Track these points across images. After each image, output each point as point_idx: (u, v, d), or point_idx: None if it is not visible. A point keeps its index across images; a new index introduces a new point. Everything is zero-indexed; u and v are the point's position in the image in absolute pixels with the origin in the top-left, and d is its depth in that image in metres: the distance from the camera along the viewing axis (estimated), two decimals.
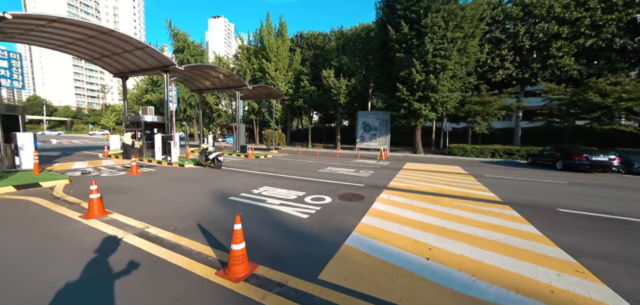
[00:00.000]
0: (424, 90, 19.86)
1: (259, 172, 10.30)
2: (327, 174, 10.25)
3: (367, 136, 25.31)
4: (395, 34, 19.82)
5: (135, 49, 11.44)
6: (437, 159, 18.98)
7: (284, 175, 9.67)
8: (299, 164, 13.36)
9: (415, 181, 8.84)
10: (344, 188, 7.46)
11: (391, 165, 13.71)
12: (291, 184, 7.96)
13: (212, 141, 20.45)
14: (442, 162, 16.07)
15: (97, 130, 64.84)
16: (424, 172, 11.17)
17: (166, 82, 12.66)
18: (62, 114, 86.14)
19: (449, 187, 7.83)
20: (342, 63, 24.87)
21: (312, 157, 17.68)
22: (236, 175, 9.31)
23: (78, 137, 46.46)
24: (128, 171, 9.37)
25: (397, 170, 11.84)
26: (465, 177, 10.10)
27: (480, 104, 20.71)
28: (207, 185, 7.56)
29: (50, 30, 9.84)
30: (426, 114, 20.09)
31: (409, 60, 19.52)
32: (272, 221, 4.62)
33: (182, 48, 35.67)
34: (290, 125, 47.42)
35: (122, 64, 13.33)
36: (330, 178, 9.15)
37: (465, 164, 15.58)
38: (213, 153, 10.57)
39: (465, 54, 19.46)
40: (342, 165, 13.06)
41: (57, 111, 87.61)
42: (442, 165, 14.58)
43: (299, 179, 8.93)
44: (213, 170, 10.26)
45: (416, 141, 22.89)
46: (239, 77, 16.87)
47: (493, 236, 4.05)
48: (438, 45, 18.61)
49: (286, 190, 6.95)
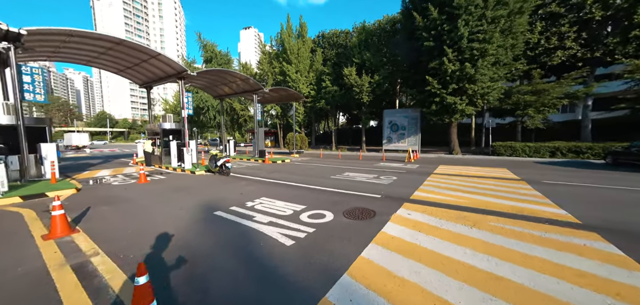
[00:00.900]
0: (459, 82, 17.32)
1: (266, 179, 9.51)
2: (341, 181, 9.02)
3: (395, 136, 23.24)
4: (423, 21, 17.69)
5: (149, 57, 11.66)
6: (478, 160, 16.29)
7: (292, 182, 8.71)
8: (313, 169, 12.33)
9: (447, 190, 7.12)
10: (354, 200, 6.18)
11: (420, 169, 11.87)
12: (294, 194, 6.94)
13: (233, 146, 20.60)
14: (484, 164, 13.57)
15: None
16: (459, 178, 9.23)
17: (180, 89, 12.74)
18: (121, 125, 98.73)
19: (494, 200, 6.01)
20: (364, 59, 23.30)
21: (332, 161, 16.53)
22: (239, 184, 8.64)
23: (124, 145, 52.16)
24: (145, 178, 9.36)
25: (426, 175, 10.05)
26: (517, 183, 7.97)
27: (532, 93, 17.31)
28: (202, 195, 6.94)
29: (74, 46, 10.44)
30: (462, 108, 17.47)
31: (440, 48, 17.22)
32: (245, 248, 3.63)
33: (210, 58, 37.58)
34: (316, 128, 46.87)
35: (144, 74, 13.87)
36: (343, 186, 7.91)
37: (515, 165, 12.90)
38: (221, 159, 10.12)
39: (511, 35, 16.46)
40: (362, 170, 11.67)
41: (118, 123, 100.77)
42: (484, 168, 12.21)
43: (306, 187, 7.88)
44: (219, 178, 9.78)
45: (452, 140, 20.19)
46: (255, 81, 16.57)
47: (577, 296, 2.47)
48: (475, 28, 16.03)
49: (284, 203, 5.94)
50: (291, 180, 9.09)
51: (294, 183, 8.58)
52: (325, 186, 7.95)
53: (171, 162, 12.39)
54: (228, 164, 10.00)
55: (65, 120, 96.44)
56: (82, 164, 15.61)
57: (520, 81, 21.24)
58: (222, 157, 10.31)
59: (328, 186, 7.95)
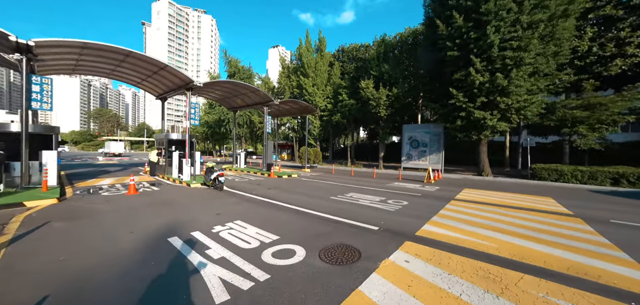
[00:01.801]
0: (489, 94, 15.30)
1: (258, 196, 8.64)
2: (341, 204, 7.81)
3: (415, 153, 21.32)
4: (447, 30, 16.20)
5: (159, 69, 11.82)
6: (513, 184, 13.87)
7: (283, 202, 7.71)
8: (317, 187, 11.23)
9: (468, 225, 5.56)
10: (343, 232, 4.97)
11: (439, 193, 10.15)
12: (276, 218, 5.92)
13: (244, 158, 20.37)
14: (521, 190, 11.33)
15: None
16: (488, 207, 7.47)
17: (188, 100, 12.72)
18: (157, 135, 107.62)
19: (537, 246, 4.39)
20: (382, 71, 22.14)
21: (342, 178, 15.28)
22: (226, 201, 7.86)
23: None
24: (135, 189, 9.06)
25: (445, 201, 8.39)
26: (570, 221, 6.09)
27: (584, 107, 14.58)
28: (176, 213, 6.22)
29: (90, 59, 10.89)
30: (493, 124, 15.30)
31: (466, 58, 15.51)
32: (158, 301, 2.66)
33: (234, 72, 39.23)
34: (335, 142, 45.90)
35: (158, 86, 14.23)
36: (339, 211, 6.71)
37: (564, 194, 10.52)
38: (215, 173, 9.54)
39: (553, 41, 14.24)
40: (370, 191, 10.31)
41: (154, 133, 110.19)
42: (521, 195, 10.09)
43: (296, 210, 6.81)
44: (211, 193, 9.14)
45: (481, 160, 17.80)
46: (264, 93, 16.28)
47: None
48: (507, 35, 14.16)
49: (256, 231, 4.93)
50: (285, 200, 8.10)
51: (286, 203, 7.56)
52: (319, 210, 6.81)
53: (173, 173, 12.21)
54: (221, 178, 9.36)
55: (112, 129, 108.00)
56: (98, 171, 16.29)
57: (567, 94, 18.35)
58: (217, 170, 9.73)
59: (322, 210, 6.80)
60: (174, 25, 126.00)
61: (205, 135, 49.73)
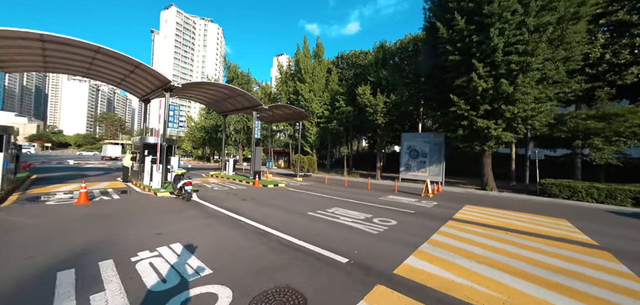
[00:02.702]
0: (493, 102, 14.16)
1: (224, 210, 7.53)
2: (316, 221, 6.67)
3: (414, 164, 20.08)
4: (448, 33, 15.25)
5: (134, 67, 10.99)
6: (521, 201, 12.55)
7: (249, 219, 6.59)
8: (298, 200, 10.10)
9: (466, 260, 4.37)
10: (300, 266, 3.83)
11: (436, 210, 8.92)
12: (226, 242, 4.81)
13: (233, 165, 19.37)
14: (529, 208, 10.02)
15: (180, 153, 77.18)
16: (492, 231, 6.24)
17: (165, 102, 11.84)
18: None
19: (563, 301, 3.19)
20: (380, 77, 21.20)
21: (333, 189, 14.12)
22: (183, 214, 6.77)
23: None
24: (86, 198, 8.05)
25: (442, 220, 7.18)
26: (597, 257, 4.84)
27: (599, 118, 13.30)
28: (110, 230, 5.15)
29: (58, 55, 10.12)
30: (498, 134, 14.09)
31: (467, 63, 14.48)
32: None
33: (232, 78, 38.83)
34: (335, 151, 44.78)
35: (138, 86, 13.43)
36: (309, 233, 5.57)
37: (580, 215, 9.20)
38: (181, 181, 8.49)
39: (563, 45, 13.15)
40: (359, 205, 9.14)
41: None
42: (530, 215, 8.80)
43: (258, 229, 5.70)
44: (173, 203, 8.07)
45: (484, 172, 16.49)
46: (253, 96, 15.39)
47: None
48: (513, 38, 13.13)
49: (190, 260, 3.81)
50: (252, 216, 6.98)
51: (251, 221, 6.44)
52: (286, 230, 5.67)
53: (144, 179, 11.22)
54: (188, 187, 8.30)
55: (116, 133, 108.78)
56: (75, 175, 15.39)
57: (577, 105, 17.09)
58: (186, 177, 8.68)
59: (289, 231, 5.66)
60: (180, 34, 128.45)
61: (203, 140, 49.14)
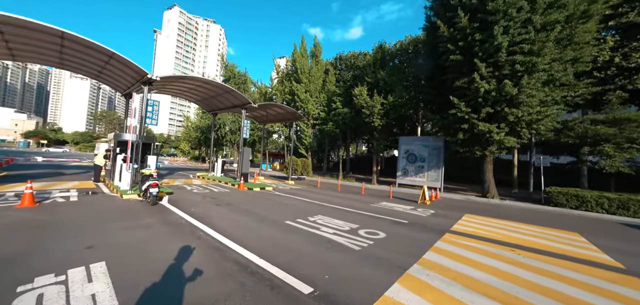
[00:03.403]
0: (496, 105, 13.30)
1: (189, 218, 6.62)
2: (291, 233, 5.77)
3: (412, 169, 19.17)
4: (449, 31, 14.44)
5: (108, 57, 10.16)
6: (525, 211, 11.61)
7: (213, 230, 5.69)
8: (279, 206, 9.20)
9: (465, 291, 3.45)
10: (243, 300, 2.92)
11: (432, 219, 7.99)
12: (164, 262, 3.91)
13: (222, 166, 18.48)
14: (535, 219, 9.08)
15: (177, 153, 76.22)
16: (496, 248, 5.32)
17: (143, 97, 10.99)
18: (158, 139, 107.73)
19: None
20: (378, 78, 20.38)
21: (324, 193, 13.21)
22: (136, 222, 5.87)
23: None
24: (31, 200, 7.16)
25: (438, 234, 6.27)
26: (625, 286, 3.91)
27: (610, 123, 12.39)
28: (32, 242, 4.25)
29: (23, 43, 9.32)
30: (501, 139, 13.20)
31: (469, 63, 13.65)
32: None
33: (229, 77, 38.15)
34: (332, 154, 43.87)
35: (117, 80, 12.61)
36: (276, 249, 4.68)
37: (592, 229, 8.26)
38: (146, 182, 7.59)
39: (572, 45, 12.31)
40: (345, 214, 8.23)
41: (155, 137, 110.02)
42: (537, 227, 7.87)
43: (217, 244, 4.80)
44: (135, 207, 7.16)
45: (486, 179, 15.56)
46: (241, 94, 14.55)
47: None
48: (518, 37, 12.31)
49: (96, 290, 2.92)
50: (219, 226, 6.08)
51: (215, 232, 5.53)
52: (250, 246, 4.76)
53: (115, 179, 10.33)
54: (153, 190, 7.40)
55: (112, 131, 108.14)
56: (49, 173, 14.51)
57: (584, 109, 16.20)
58: (152, 178, 7.78)
59: (253, 246, 4.75)
60: (183, 34, 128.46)
61: (199, 140, 48.30)
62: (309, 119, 26.92)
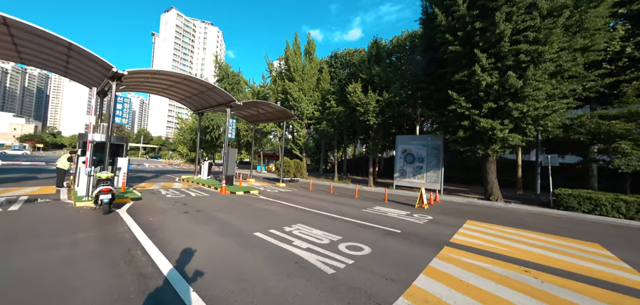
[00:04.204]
0: (499, 99, 12.26)
1: (135, 230, 5.60)
2: (257, 249, 4.74)
3: (410, 170, 18.11)
4: (446, 20, 13.44)
5: (66, 49, 9.17)
6: (532, 215, 10.53)
7: (151, 245, 4.67)
8: (259, 213, 8.16)
9: None
10: None
11: (429, 228, 6.94)
12: (43, 297, 2.87)
13: (209, 168, 17.47)
14: (545, 226, 8.01)
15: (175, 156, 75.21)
16: (506, 269, 4.26)
17: (112, 94, 10.00)
18: (155, 142, 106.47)
19: None
20: (373, 73, 19.36)
21: (315, 196, 12.17)
22: (68, 238, 4.84)
23: (141, 160, 53.50)
24: None
25: (435, 247, 5.22)
26: None
27: (627, 118, 11.30)
28: None
29: None
30: (504, 136, 12.14)
31: (469, 55, 12.63)
32: None
33: (223, 76, 37.25)
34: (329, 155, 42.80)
35: (86, 76, 11.63)
36: (220, 277, 3.65)
37: (612, 237, 7.19)
38: (97, 188, 6.56)
39: (582, 32, 11.28)
40: (329, 222, 7.19)
41: (152, 140, 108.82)
42: (549, 237, 6.80)
43: (145, 265, 3.77)
44: (80, 217, 6.13)
45: (488, 181, 14.48)
46: (224, 91, 13.54)
47: None
48: (521, 24, 11.30)
49: None
50: (168, 240, 5.07)
51: (157, 249, 4.50)
52: (189, 270, 3.73)
53: (76, 183, 9.33)
54: (105, 196, 6.37)
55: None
56: (22, 178, 13.53)
57: (593, 105, 15.14)
58: (104, 184, 6.75)
59: (193, 270, 3.72)
60: (180, 36, 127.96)
61: (193, 142, 47.29)
62: (303, 119, 25.91)
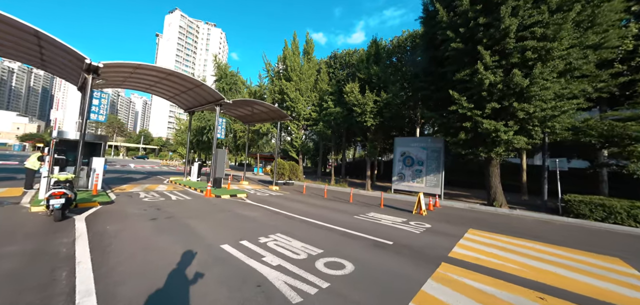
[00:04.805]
0: (503, 99, 11.45)
1: (80, 243, 4.88)
2: (217, 265, 3.99)
3: (409, 173, 17.29)
4: (448, 16, 12.72)
5: (35, 38, 8.49)
6: (540, 224, 9.66)
7: (85, 267, 3.94)
8: (237, 220, 7.42)
9: None
10: None
11: (426, 239, 6.13)
12: None
13: (198, 169, 16.78)
14: (555, 236, 7.17)
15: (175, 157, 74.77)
16: (516, 293, 3.47)
17: (87, 88, 9.35)
18: (156, 143, 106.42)
19: None
20: (371, 73, 18.64)
21: (306, 201, 11.41)
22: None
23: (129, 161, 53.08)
24: None
25: (432, 264, 4.43)
26: None
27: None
28: None
29: None
30: (508, 138, 11.32)
31: (471, 52, 11.87)
32: None
33: (221, 76, 36.84)
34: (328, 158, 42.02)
35: (61, 68, 11.01)
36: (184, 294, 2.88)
37: (629, 247, 6.33)
38: (50, 190, 5.85)
39: (594, 28, 10.47)
40: (314, 231, 6.43)
41: (152, 140, 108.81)
42: (563, 250, 5.96)
43: (64, 289, 3.03)
44: (20, 226, 5.42)
45: (492, 185, 13.63)
46: (212, 89, 12.89)
47: None
48: (528, 19, 10.54)
49: None
50: (113, 255, 4.34)
51: (86, 271, 3.77)
52: (114, 299, 2.99)
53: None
54: (56, 201, 5.65)
55: (112, 135, 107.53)
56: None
57: (602, 107, 14.27)
58: (57, 187, 6.02)
59: (114, 301, 2.97)
60: (183, 37, 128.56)
61: (191, 143, 46.83)
62: (300, 120, 25.22)
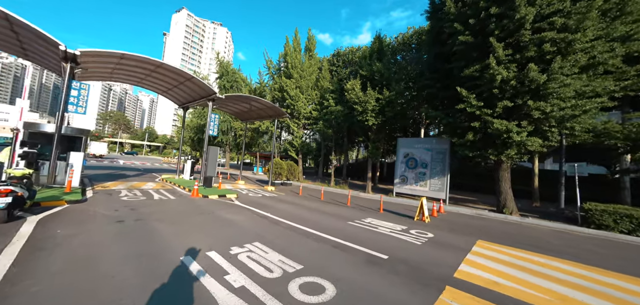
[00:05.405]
0: (516, 97, 10.44)
1: (7, 254, 4.17)
2: (165, 286, 3.21)
3: (412, 176, 16.33)
4: (456, 7, 11.77)
5: (9, 23, 7.95)
6: (558, 234, 8.62)
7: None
8: (215, 225, 6.67)
9: None
10: None
11: (428, 252, 5.26)
12: None
13: (191, 167, 16.17)
14: (574, 250, 6.18)
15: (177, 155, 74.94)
16: None
17: (65, 77, 8.75)
18: (160, 140, 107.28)
19: None
20: (373, 70, 17.75)
21: (301, 204, 10.62)
22: None
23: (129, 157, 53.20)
24: None
25: (433, 290, 3.57)
26: None
27: None
28: None
29: None
30: (521, 140, 10.30)
31: (482, 46, 10.89)
32: None
33: (222, 74, 36.46)
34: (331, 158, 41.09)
35: (41, 57, 10.50)
36: None
37: None
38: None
39: (623, 17, 9.40)
40: (300, 239, 5.62)
41: (157, 138, 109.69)
42: (585, 269, 5.00)
43: None
44: None
45: (502, 190, 12.59)
46: (204, 83, 12.22)
47: None
48: (547, 8, 9.51)
49: None
50: (48, 274, 3.60)
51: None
52: None
53: None
54: (0, 201, 4.98)
55: (117, 132, 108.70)
56: None
57: (624, 108, 13.07)
58: (5, 182, 5.36)
59: None
60: (190, 36, 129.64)
61: (193, 141, 46.54)
62: (300, 119, 24.46)
